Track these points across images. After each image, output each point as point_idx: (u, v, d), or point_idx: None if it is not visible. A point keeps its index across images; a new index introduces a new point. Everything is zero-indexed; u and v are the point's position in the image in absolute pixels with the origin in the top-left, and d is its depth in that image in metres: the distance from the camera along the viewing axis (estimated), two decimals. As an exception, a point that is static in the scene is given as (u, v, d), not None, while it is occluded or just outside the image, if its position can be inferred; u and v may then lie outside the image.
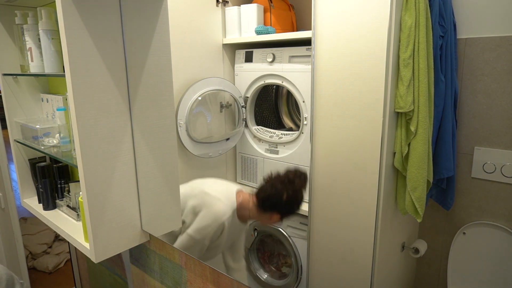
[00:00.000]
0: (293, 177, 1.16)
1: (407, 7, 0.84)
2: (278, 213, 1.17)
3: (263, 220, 1.22)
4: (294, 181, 1.14)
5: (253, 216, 1.21)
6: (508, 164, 0.99)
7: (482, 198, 1.05)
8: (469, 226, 1.07)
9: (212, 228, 1.14)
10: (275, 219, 1.20)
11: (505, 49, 0.97)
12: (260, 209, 1.18)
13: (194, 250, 1.17)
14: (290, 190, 1.14)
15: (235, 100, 1.41)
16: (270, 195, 1.17)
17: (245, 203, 1.19)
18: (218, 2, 1.37)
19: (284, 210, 1.16)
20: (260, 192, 1.19)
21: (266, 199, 1.17)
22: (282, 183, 1.16)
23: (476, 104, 1.03)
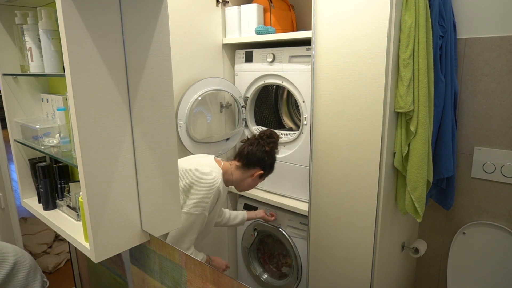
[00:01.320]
0: (270, 132, 1.25)
1: (407, 7, 0.84)
2: (260, 169, 1.23)
3: (245, 181, 1.26)
4: (272, 135, 1.24)
5: (236, 178, 1.25)
6: (508, 164, 0.99)
7: (482, 198, 1.05)
8: (469, 226, 1.07)
9: (209, 198, 1.17)
10: (257, 177, 1.25)
11: (505, 49, 0.97)
12: (244, 167, 1.24)
13: (195, 226, 1.19)
14: (271, 143, 1.23)
15: (235, 100, 1.41)
16: (254, 149, 1.23)
17: (227, 167, 1.24)
18: (218, 2, 1.37)
19: (267, 164, 1.24)
20: (243, 150, 1.25)
21: (252, 153, 1.23)
22: (262, 139, 1.24)
23: (476, 104, 1.03)
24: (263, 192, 1.38)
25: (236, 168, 1.25)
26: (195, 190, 1.18)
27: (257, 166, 1.24)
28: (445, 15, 0.95)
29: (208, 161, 1.26)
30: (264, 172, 1.25)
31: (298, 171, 1.27)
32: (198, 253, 1.23)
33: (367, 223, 0.91)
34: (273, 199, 1.33)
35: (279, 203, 1.31)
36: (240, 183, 1.27)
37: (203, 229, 1.22)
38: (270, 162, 1.25)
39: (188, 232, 1.19)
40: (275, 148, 1.25)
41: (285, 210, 1.30)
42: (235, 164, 1.25)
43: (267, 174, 1.27)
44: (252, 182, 1.27)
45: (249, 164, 1.24)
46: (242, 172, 1.25)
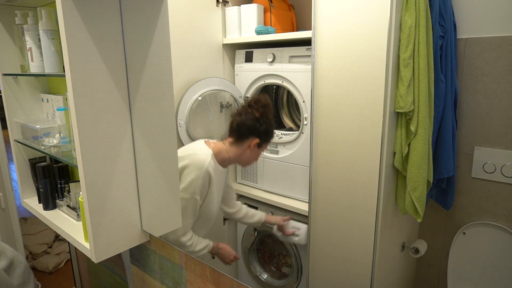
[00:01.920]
0: (257, 98, 1.17)
1: (407, 7, 0.84)
2: (256, 137, 1.15)
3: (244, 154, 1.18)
4: (259, 100, 1.15)
5: (233, 155, 1.18)
6: (508, 164, 0.99)
7: (482, 198, 1.05)
8: (469, 226, 1.07)
9: (199, 181, 1.12)
10: (255, 147, 1.17)
11: (505, 49, 0.97)
12: (238, 140, 1.16)
13: (187, 211, 1.14)
14: (260, 109, 1.14)
15: (235, 100, 1.41)
16: (243, 119, 1.15)
17: (220, 147, 1.18)
18: (218, 2, 1.37)
19: (261, 130, 1.15)
20: (232, 124, 1.18)
21: (241, 124, 1.15)
22: (250, 107, 1.15)
23: (476, 104, 1.03)
24: (263, 192, 1.38)
25: (231, 145, 1.18)
26: (184, 175, 1.14)
27: (251, 136, 1.15)
28: (445, 15, 0.95)
29: (197, 145, 1.20)
30: (260, 140, 1.16)
31: (298, 171, 1.27)
32: (203, 240, 1.18)
33: (367, 223, 0.91)
34: (273, 199, 1.33)
35: (279, 203, 1.31)
36: (239, 159, 1.20)
37: (203, 218, 1.18)
38: (265, 127, 1.15)
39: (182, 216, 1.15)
40: (266, 112, 1.15)
41: (285, 210, 1.30)
42: (229, 140, 1.18)
43: (266, 141, 1.18)
44: (252, 153, 1.18)
45: (242, 136, 1.16)
46: (238, 146, 1.17)
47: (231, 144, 1.18)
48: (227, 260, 1.22)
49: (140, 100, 1.11)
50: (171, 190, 1.19)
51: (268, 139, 1.19)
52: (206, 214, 1.20)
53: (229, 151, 1.18)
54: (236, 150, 1.18)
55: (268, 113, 1.15)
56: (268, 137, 1.18)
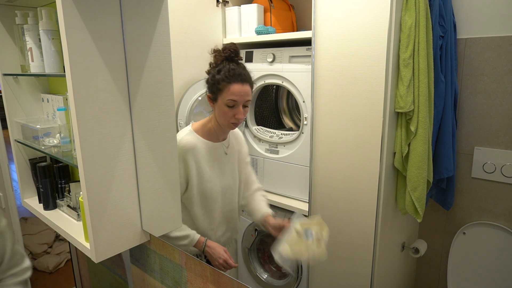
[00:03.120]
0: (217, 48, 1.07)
1: (407, 7, 0.84)
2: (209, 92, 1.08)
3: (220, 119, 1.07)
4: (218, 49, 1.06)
5: (217, 120, 1.09)
6: (508, 164, 0.99)
7: (482, 198, 1.05)
8: (469, 226, 1.07)
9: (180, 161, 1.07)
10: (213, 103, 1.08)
11: (505, 49, 0.97)
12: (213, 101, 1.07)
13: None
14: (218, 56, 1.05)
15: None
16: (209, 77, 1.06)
17: (204, 121, 1.12)
18: (218, 2, 1.37)
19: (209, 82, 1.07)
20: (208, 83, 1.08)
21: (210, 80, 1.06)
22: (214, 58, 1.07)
23: (476, 104, 1.03)
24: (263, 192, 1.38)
25: (212, 111, 1.10)
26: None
27: (208, 93, 1.08)
28: (445, 15, 0.95)
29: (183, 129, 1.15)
30: (211, 93, 1.06)
31: (298, 171, 1.27)
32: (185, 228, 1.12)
33: (367, 223, 0.91)
34: (273, 199, 1.33)
35: (279, 203, 1.31)
36: (218, 124, 1.09)
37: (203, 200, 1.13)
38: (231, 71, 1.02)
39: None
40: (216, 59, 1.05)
41: (285, 210, 1.30)
42: (211, 105, 1.10)
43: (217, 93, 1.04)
44: (222, 112, 1.05)
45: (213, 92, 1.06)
46: (215, 106, 1.07)
47: (212, 111, 1.10)
48: (215, 262, 1.13)
49: (140, 100, 1.11)
50: (171, 190, 1.19)
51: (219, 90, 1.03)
52: (204, 194, 1.12)
53: (212, 118, 1.10)
54: (216, 112, 1.08)
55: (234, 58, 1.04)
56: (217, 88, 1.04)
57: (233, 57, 1.04)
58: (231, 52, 1.04)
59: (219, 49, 1.06)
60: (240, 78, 1.02)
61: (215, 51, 1.05)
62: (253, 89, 1.08)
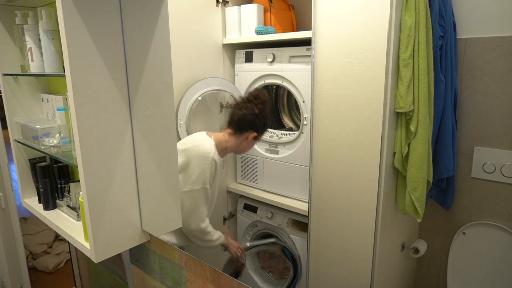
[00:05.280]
0: (256, 93, 1.26)
1: (407, 7, 0.84)
2: (253, 131, 1.25)
3: (241, 145, 1.27)
4: (259, 96, 1.24)
5: (231, 145, 1.27)
6: (508, 164, 0.99)
7: (482, 198, 1.05)
8: (469, 226, 1.07)
9: (207, 170, 1.19)
10: (251, 140, 1.26)
11: (505, 49, 0.97)
12: (236, 132, 1.26)
13: (200, 201, 1.20)
14: (259, 105, 1.23)
15: (235, 100, 1.41)
16: (243, 113, 1.24)
17: (220, 138, 1.25)
18: (218, 2, 1.37)
19: (259, 125, 1.25)
20: (233, 117, 1.27)
21: (242, 118, 1.24)
22: (250, 102, 1.24)
23: (476, 104, 1.03)
24: (263, 192, 1.38)
25: (230, 135, 1.26)
26: (192, 167, 1.19)
27: (250, 130, 1.25)
28: (445, 15, 0.95)
29: (200, 136, 1.27)
30: (257, 134, 1.26)
31: (298, 171, 1.27)
32: (216, 231, 1.24)
33: (367, 223, 0.91)
34: (273, 199, 1.33)
35: (279, 203, 1.31)
36: (236, 148, 1.30)
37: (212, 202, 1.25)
38: (262, 123, 1.26)
39: (196, 207, 1.20)
40: (265, 108, 1.24)
41: (285, 210, 1.30)
42: (228, 132, 1.26)
43: (261, 135, 1.29)
44: (248, 144, 1.28)
45: (241, 129, 1.25)
46: (236, 137, 1.26)
47: (229, 135, 1.26)
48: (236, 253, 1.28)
49: (140, 100, 1.11)
50: (171, 190, 1.19)
51: (264, 132, 1.29)
52: (211, 199, 1.26)
53: (228, 141, 1.26)
54: (234, 140, 1.26)
55: (266, 109, 1.24)
56: (264, 131, 1.29)
57: (267, 101, 1.25)
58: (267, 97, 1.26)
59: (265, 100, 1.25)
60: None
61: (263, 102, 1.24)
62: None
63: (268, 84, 1.34)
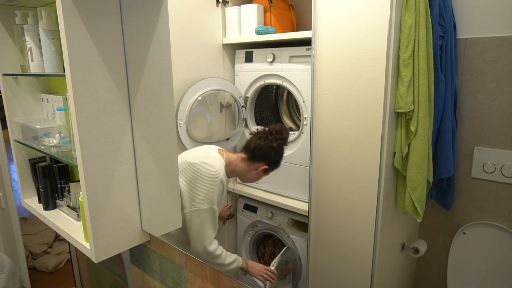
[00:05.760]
0: (280, 128, 1.24)
1: (407, 7, 0.84)
2: (265, 164, 1.23)
3: (249, 174, 1.25)
4: (282, 132, 1.23)
5: (240, 170, 1.25)
6: (508, 164, 0.99)
7: (482, 198, 1.05)
8: (469, 226, 1.07)
9: (214, 190, 1.17)
10: (261, 171, 1.24)
11: (505, 49, 0.97)
12: (249, 159, 1.23)
13: (208, 221, 1.17)
14: (279, 140, 1.22)
15: (235, 100, 1.41)
16: (261, 144, 1.22)
17: (231, 159, 1.23)
18: (218, 2, 1.37)
19: (272, 159, 1.24)
20: (250, 144, 1.24)
21: (258, 148, 1.23)
22: (271, 134, 1.23)
23: (476, 104, 1.03)
24: (263, 192, 1.38)
25: (242, 160, 1.24)
26: (200, 185, 1.16)
27: (263, 161, 1.23)
28: (445, 15, 0.95)
29: (211, 152, 1.25)
30: (269, 167, 1.24)
31: (298, 171, 1.27)
32: (231, 254, 1.21)
33: (367, 223, 0.91)
34: (273, 199, 1.33)
35: (279, 203, 1.31)
36: (244, 175, 1.27)
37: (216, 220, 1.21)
38: (276, 158, 1.24)
39: (203, 229, 1.16)
40: (283, 144, 1.23)
41: (285, 210, 1.30)
42: (241, 156, 1.24)
43: (272, 170, 1.26)
44: (256, 175, 1.26)
45: (254, 158, 1.23)
46: (247, 164, 1.24)
47: (242, 160, 1.24)
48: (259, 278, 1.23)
49: (140, 100, 1.11)
50: (171, 190, 1.19)
51: (275, 168, 1.26)
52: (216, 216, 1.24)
53: (238, 165, 1.24)
54: (244, 167, 1.24)
55: (283, 146, 1.24)
56: (275, 167, 1.26)
57: (285, 138, 1.24)
58: (288, 135, 1.25)
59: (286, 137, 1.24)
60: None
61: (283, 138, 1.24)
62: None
63: (268, 84, 1.34)
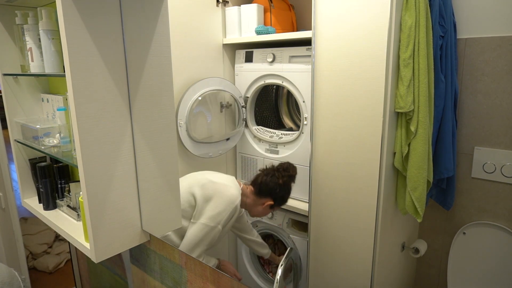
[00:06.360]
0: (287, 166, 1.27)
1: (407, 7, 0.84)
2: (271, 200, 1.26)
3: (256, 208, 1.29)
4: (288, 169, 1.26)
5: (249, 202, 1.28)
6: (508, 164, 0.99)
7: (482, 198, 1.05)
8: (469, 226, 1.07)
9: (226, 213, 1.20)
10: (267, 207, 1.27)
11: (505, 49, 0.97)
12: (256, 194, 1.27)
13: (208, 238, 1.21)
14: (285, 177, 1.25)
15: (235, 100, 1.41)
16: (267, 180, 1.27)
17: (245, 190, 1.27)
18: (218, 2, 1.37)
19: (278, 195, 1.26)
20: (258, 178, 1.29)
21: (264, 183, 1.26)
22: (278, 171, 1.27)
23: (476, 104, 1.03)
24: (263, 192, 1.38)
25: (251, 193, 1.28)
26: (214, 203, 1.21)
27: (268, 197, 1.26)
28: (445, 15, 0.95)
29: (231, 179, 1.31)
30: (274, 203, 1.27)
31: (298, 171, 1.27)
32: (211, 258, 1.25)
33: (367, 223, 0.91)
34: (273, 199, 1.33)
35: (279, 203, 1.31)
36: (252, 208, 1.30)
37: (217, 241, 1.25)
38: (282, 194, 1.27)
39: (200, 243, 1.21)
40: (290, 182, 1.25)
41: (285, 210, 1.30)
42: (250, 189, 1.28)
43: (278, 206, 1.28)
44: (263, 210, 1.29)
45: (261, 193, 1.27)
46: (255, 198, 1.27)
47: (251, 193, 1.28)
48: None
49: (140, 100, 1.11)
50: (171, 190, 1.19)
51: (281, 204, 1.28)
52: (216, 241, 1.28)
53: (248, 197, 1.28)
54: (252, 200, 1.28)
55: (290, 183, 1.26)
56: (281, 203, 1.28)
57: (294, 176, 1.25)
58: (295, 173, 1.26)
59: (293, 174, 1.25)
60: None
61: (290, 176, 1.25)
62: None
63: (268, 84, 1.34)
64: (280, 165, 1.28)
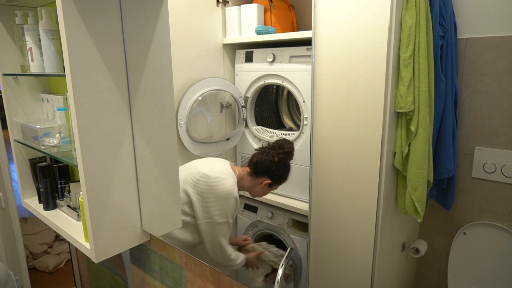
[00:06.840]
0: (282, 143, 1.26)
1: (407, 7, 0.84)
2: (268, 178, 1.25)
3: (255, 188, 1.29)
4: (283, 146, 1.24)
5: (247, 185, 1.28)
6: (508, 164, 0.99)
7: (482, 198, 1.05)
8: (469, 226, 1.07)
9: (230, 207, 1.22)
10: (265, 186, 1.26)
11: (506, 49, 0.97)
12: (253, 174, 1.27)
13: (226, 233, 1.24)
14: (280, 154, 1.24)
15: (235, 100, 1.41)
16: (263, 158, 1.26)
17: (241, 174, 1.27)
18: (218, 2, 1.37)
19: (275, 174, 1.25)
20: (253, 158, 1.28)
21: (260, 162, 1.26)
22: (273, 149, 1.25)
23: (476, 104, 1.03)
24: (263, 192, 1.38)
25: (247, 175, 1.28)
26: (214, 201, 1.22)
27: (265, 175, 1.26)
28: (446, 15, 0.95)
29: (225, 168, 1.29)
30: (271, 181, 1.26)
31: (298, 171, 1.27)
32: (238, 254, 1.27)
33: (367, 223, 0.91)
34: (273, 199, 1.33)
35: (279, 203, 1.31)
36: (251, 190, 1.30)
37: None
38: (279, 172, 1.26)
39: (221, 240, 1.22)
40: (285, 158, 1.24)
41: (285, 210, 1.30)
42: (247, 170, 1.28)
43: (276, 184, 1.27)
44: (262, 190, 1.28)
45: (257, 173, 1.26)
46: (252, 179, 1.27)
47: (248, 174, 1.28)
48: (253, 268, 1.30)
49: (140, 100, 1.11)
50: (171, 190, 1.19)
51: (280, 182, 1.27)
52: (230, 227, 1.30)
53: (245, 180, 1.28)
54: (250, 181, 1.28)
55: (286, 160, 1.24)
56: (280, 181, 1.27)
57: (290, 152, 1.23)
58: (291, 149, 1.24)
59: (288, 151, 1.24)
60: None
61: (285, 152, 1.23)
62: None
63: (268, 84, 1.34)
64: (275, 143, 1.27)
